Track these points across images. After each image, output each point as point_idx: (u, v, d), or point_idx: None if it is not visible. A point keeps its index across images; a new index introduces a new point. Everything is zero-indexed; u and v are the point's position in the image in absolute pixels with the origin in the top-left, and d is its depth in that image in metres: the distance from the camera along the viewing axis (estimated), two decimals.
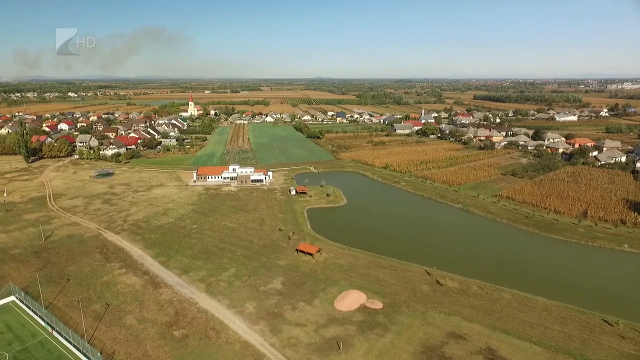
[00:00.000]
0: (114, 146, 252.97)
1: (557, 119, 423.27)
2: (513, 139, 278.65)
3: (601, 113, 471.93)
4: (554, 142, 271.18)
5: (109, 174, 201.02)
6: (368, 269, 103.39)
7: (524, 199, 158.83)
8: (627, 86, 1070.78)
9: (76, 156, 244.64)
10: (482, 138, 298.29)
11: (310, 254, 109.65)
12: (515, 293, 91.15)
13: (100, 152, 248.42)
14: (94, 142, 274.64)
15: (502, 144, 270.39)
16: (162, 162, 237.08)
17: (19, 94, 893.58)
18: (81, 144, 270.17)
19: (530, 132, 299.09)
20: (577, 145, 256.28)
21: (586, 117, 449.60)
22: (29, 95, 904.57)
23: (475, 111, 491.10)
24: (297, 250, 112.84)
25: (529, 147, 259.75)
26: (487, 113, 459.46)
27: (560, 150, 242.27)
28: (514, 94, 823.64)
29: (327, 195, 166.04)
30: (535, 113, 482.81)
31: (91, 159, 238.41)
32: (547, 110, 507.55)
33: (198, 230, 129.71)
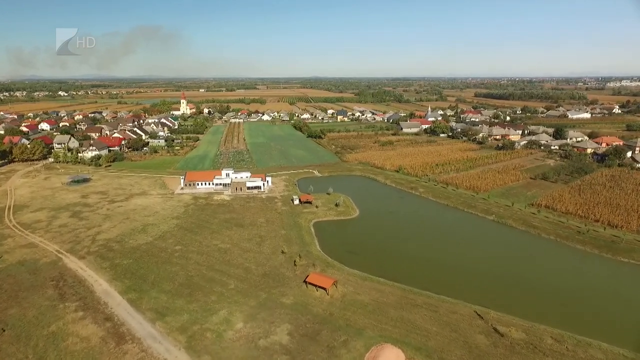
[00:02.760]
0: (94, 148, 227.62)
1: (570, 116, 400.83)
2: (533, 138, 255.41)
3: (614, 110, 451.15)
4: (578, 141, 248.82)
5: (84, 180, 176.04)
6: (400, 310, 79.47)
7: (567, 208, 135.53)
8: (626, 83, 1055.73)
9: (51, 159, 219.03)
10: (497, 137, 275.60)
11: (324, 288, 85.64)
12: (607, 349, 67.57)
13: (79, 154, 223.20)
14: (74, 143, 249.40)
15: (522, 143, 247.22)
16: (147, 165, 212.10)
17: (7, 93, 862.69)
18: (59, 146, 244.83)
19: (549, 130, 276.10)
20: (604, 144, 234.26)
21: (599, 115, 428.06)
22: (18, 94, 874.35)
23: (482, 109, 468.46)
24: (305, 282, 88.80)
25: (552, 147, 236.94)
26: (496, 111, 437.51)
27: (589, 151, 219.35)
28: (518, 91, 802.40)
29: (336, 205, 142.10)
30: (545, 111, 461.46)
31: (68, 162, 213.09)
32: (557, 107, 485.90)
33: (182, 253, 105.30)
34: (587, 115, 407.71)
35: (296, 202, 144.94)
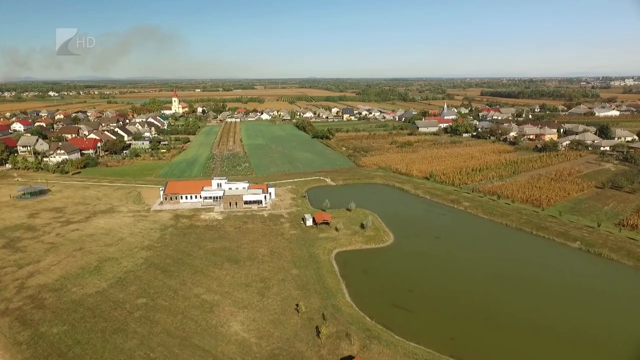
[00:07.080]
0: (62, 151, 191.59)
1: (597, 114, 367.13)
2: (577, 137, 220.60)
3: None
4: (628, 140, 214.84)
5: (40, 193, 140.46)
6: None
7: None
8: (630, 82, 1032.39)
9: (9, 165, 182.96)
10: (531, 137, 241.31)
11: None
12: None
13: (45, 158, 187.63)
14: (43, 146, 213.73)
15: (564, 144, 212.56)
16: (124, 172, 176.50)
17: None
18: (24, 149, 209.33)
19: (591, 129, 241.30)
20: None
21: (627, 112, 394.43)
22: (7, 94, 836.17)
23: (499, 106, 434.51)
24: None
25: (602, 148, 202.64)
26: (514, 108, 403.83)
27: None
28: (526, 89, 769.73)
29: (362, 226, 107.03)
30: (565, 109, 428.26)
31: (28, 168, 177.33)
32: (577, 105, 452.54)
33: (146, 311, 69.83)
34: (616, 113, 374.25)
35: (309, 222, 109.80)
